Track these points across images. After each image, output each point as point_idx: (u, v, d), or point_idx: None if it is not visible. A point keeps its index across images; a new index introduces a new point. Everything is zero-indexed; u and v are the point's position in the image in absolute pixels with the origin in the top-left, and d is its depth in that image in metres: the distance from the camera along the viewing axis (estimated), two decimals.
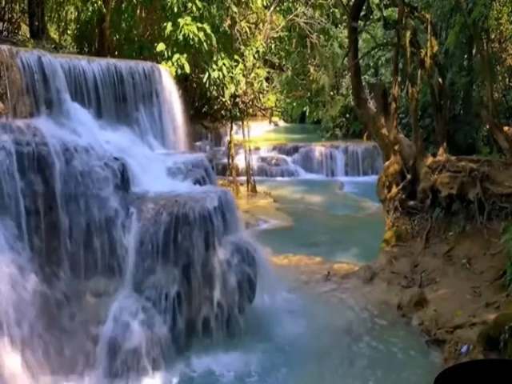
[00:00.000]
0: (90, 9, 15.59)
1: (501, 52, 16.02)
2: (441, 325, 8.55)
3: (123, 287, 7.84)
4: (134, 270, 7.87)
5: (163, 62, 14.86)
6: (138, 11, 17.88)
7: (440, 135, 12.93)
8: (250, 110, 21.91)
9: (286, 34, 20.80)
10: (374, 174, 21.06)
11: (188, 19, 15.29)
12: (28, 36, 14.74)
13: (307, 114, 25.17)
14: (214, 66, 16.53)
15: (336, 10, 22.33)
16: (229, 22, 17.54)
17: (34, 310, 6.87)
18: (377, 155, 22.20)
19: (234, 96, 18.26)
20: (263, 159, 24.83)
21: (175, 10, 15.34)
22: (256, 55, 18.10)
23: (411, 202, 11.97)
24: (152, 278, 7.92)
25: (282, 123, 34.93)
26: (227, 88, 17.35)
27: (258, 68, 18.65)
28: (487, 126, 15.19)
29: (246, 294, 8.61)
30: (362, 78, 16.68)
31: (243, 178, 20.37)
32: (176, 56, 15.22)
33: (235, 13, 17.28)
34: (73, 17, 17.17)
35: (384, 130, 12.61)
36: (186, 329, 8.14)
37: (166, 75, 12.16)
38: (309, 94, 22.96)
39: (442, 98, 12.87)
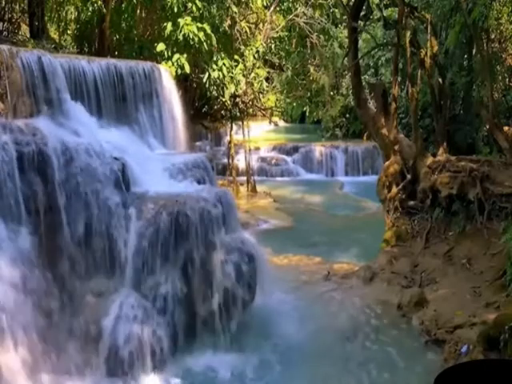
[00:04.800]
0: (90, 9, 15.59)
1: (501, 52, 16.00)
2: (441, 325, 8.56)
3: (123, 287, 7.84)
4: (133, 270, 7.88)
5: (163, 62, 14.86)
6: (138, 11, 17.89)
7: (440, 135, 12.93)
8: (250, 110, 21.90)
9: (286, 33, 20.80)
10: (373, 174, 21.05)
11: (188, 19, 15.29)
12: (28, 36, 14.75)
13: (307, 114, 25.17)
14: (214, 66, 16.54)
15: (336, 10, 22.33)
16: (229, 21, 17.55)
17: (34, 309, 6.87)
18: (377, 155, 22.19)
19: (234, 96, 18.26)
20: (263, 159, 24.81)
21: (175, 9, 15.35)
22: (256, 55, 18.11)
23: (411, 202, 11.97)
24: (152, 278, 7.92)
25: (282, 123, 34.90)
26: (227, 88, 17.35)
27: (258, 68, 18.64)
28: (487, 126, 15.18)
29: (245, 293, 8.62)
30: (362, 78, 16.68)
31: (243, 178, 20.36)
32: (176, 56, 15.23)
33: (235, 13, 17.28)
34: (73, 17, 17.15)
35: (384, 130, 12.61)
36: (186, 328, 8.15)
37: (166, 75, 12.15)
38: (309, 94, 22.96)
39: (442, 98, 12.88)
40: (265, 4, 18.74)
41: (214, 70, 16.53)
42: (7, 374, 6.44)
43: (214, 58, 16.59)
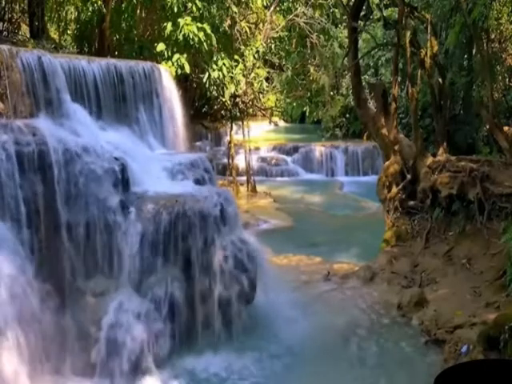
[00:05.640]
0: (90, 9, 15.61)
1: (501, 52, 16.01)
2: (441, 325, 8.56)
3: (123, 287, 7.83)
4: (133, 270, 7.87)
5: (163, 62, 14.87)
6: (138, 11, 17.90)
7: (440, 135, 12.93)
8: (250, 110, 21.91)
9: (286, 33, 20.80)
10: (373, 174, 21.05)
11: (188, 19, 15.30)
12: (28, 36, 14.75)
13: (307, 114, 25.14)
14: (214, 66, 16.54)
15: (336, 10, 22.33)
16: (229, 21, 17.55)
17: (34, 309, 6.87)
18: (377, 155, 22.20)
19: (234, 96, 18.26)
20: (263, 159, 24.81)
21: (175, 9, 15.36)
22: (256, 55, 18.11)
23: (411, 202, 11.97)
24: (152, 278, 7.92)
25: (282, 123, 34.90)
26: (227, 88, 17.36)
27: (258, 68, 18.64)
28: (487, 126, 15.19)
29: (246, 293, 8.62)
30: (362, 78, 16.68)
31: (243, 178, 20.36)
32: (176, 56, 15.23)
33: (235, 13, 17.28)
34: (73, 17, 17.17)
35: (384, 130, 12.61)
36: (186, 329, 8.15)
37: (166, 75, 12.15)
38: (309, 94, 22.95)
39: (442, 97, 12.89)
40: (265, 4, 18.73)
41: (214, 70, 16.53)
42: (8, 374, 6.45)
43: (214, 58, 16.59)
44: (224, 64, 16.61)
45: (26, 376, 6.62)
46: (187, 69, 15.39)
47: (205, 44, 15.46)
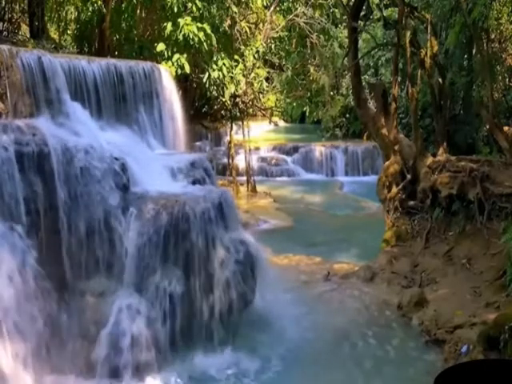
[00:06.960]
0: (90, 9, 15.62)
1: (501, 52, 16.01)
2: (441, 325, 8.56)
3: (123, 287, 7.84)
4: (133, 270, 7.87)
5: (163, 62, 14.88)
6: (138, 11, 17.91)
7: (440, 135, 12.94)
8: (250, 110, 21.91)
9: (286, 33, 20.81)
10: (373, 174, 21.05)
11: (188, 19, 15.32)
12: (28, 36, 14.75)
13: (307, 114, 25.15)
14: (214, 66, 16.55)
15: (336, 10, 22.34)
16: (229, 21, 17.56)
17: (35, 310, 6.87)
18: (377, 155, 22.20)
19: (234, 96, 18.26)
20: (263, 159, 24.81)
21: (175, 9, 15.38)
22: (256, 55, 18.12)
23: (411, 202, 11.97)
24: (152, 278, 7.91)
25: (282, 123, 34.90)
26: (227, 88, 17.36)
27: (258, 68, 18.65)
28: (487, 126, 15.20)
29: (245, 293, 8.61)
30: (362, 78, 16.69)
31: (243, 178, 20.36)
32: (176, 56, 15.24)
33: (235, 13, 17.29)
34: (73, 17, 17.17)
35: (384, 130, 12.62)
36: (186, 329, 8.15)
37: (166, 75, 12.15)
38: (309, 94, 22.96)
39: (442, 97, 12.89)
40: (265, 4, 18.74)
41: (214, 70, 16.54)
42: (8, 374, 6.45)
43: (214, 58, 16.60)
44: (224, 64, 16.62)
45: (25, 375, 6.62)
46: (187, 69, 15.40)
47: (205, 44, 15.47)
